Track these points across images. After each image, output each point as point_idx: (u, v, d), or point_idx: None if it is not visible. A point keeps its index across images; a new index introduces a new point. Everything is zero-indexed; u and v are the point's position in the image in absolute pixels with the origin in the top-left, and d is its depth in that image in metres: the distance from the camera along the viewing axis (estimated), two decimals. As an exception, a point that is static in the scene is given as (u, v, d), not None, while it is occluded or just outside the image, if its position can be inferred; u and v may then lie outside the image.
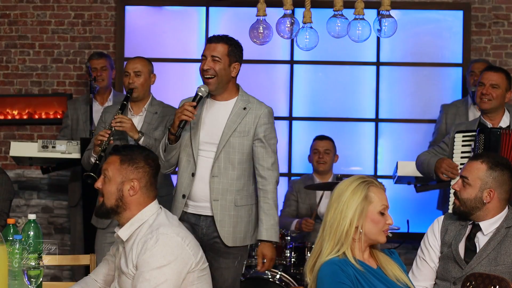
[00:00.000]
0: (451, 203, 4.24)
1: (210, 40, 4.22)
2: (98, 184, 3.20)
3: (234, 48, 4.22)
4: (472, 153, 4.55)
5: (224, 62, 4.14)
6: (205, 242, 4.11)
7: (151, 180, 3.20)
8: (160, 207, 3.25)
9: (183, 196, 4.12)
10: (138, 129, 4.72)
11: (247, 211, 4.18)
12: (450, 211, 3.89)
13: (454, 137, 4.72)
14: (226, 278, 4.17)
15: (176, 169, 4.29)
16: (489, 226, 3.60)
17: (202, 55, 4.19)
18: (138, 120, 4.81)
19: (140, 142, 4.66)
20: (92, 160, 4.64)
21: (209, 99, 4.21)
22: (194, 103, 4.06)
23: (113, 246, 3.36)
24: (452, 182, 4.45)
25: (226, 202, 4.11)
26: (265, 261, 4.19)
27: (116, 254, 3.27)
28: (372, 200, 3.03)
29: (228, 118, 4.15)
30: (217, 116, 4.17)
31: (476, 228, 3.62)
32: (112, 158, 3.21)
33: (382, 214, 3.05)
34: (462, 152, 4.64)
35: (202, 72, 4.15)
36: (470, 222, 3.65)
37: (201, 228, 4.15)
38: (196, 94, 4.11)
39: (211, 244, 4.13)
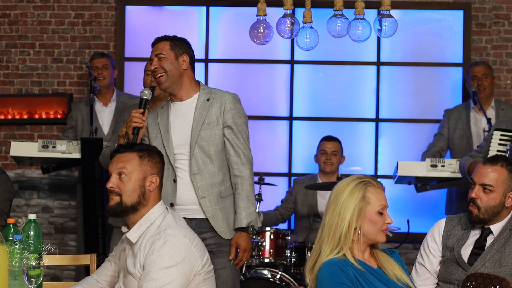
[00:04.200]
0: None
1: (153, 43, 4.20)
2: (112, 185, 3.18)
3: (176, 41, 4.17)
4: (507, 154, 4.54)
5: (169, 56, 4.09)
6: None
7: (163, 174, 3.27)
8: (166, 208, 3.24)
9: (171, 204, 4.03)
10: None
11: (231, 201, 4.10)
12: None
13: (493, 134, 4.72)
14: (225, 279, 4.04)
15: None
16: (498, 228, 3.59)
17: (149, 59, 4.17)
18: None
19: None
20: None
21: (171, 103, 4.16)
22: (141, 110, 4.02)
23: (117, 247, 3.35)
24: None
25: (213, 196, 4.03)
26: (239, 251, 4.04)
27: (122, 255, 3.27)
28: (370, 201, 3.02)
29: (195, 113, 4.08)
30: (183, 117, 4.10)
31: (487, 231, 3.60)
32: (128, 156, 3.20)
33: (380, 214, 3.04)
34: (498, 151, 4.65)
35: (152, 74, 4.14)
36: (479, 226, 3.63)
37: None
38: (141, 99, 4.07)
39: None
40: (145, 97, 4.07)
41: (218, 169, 4.08)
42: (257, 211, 4.33)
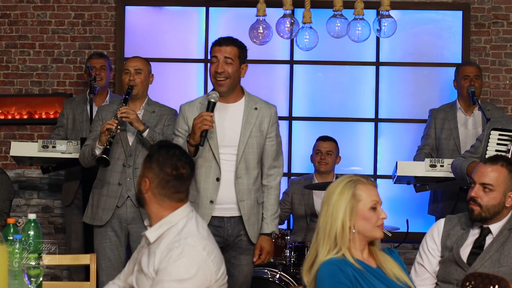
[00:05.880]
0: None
1: (220, 43, 4.25)
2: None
3: (243, 50, 4.29)
4: (509, 154, 4.54)
5: (236, 64, 4.21)
6: (229, 242, 4.29)
7: (163, 184, 3.12)
8: (192, 210, 3.20)
9: (211, 201, 4.22)
10: None
11: (262, 207, 4.36)
12: (447, 216, 3.86)
13: (490, 134, 4.73)
14: (246, 274, 4.35)
15: None
16: (497, 228, 3.60)
17: (213, 57, 4.22)
18: None
19: (145, 134, 4.70)
20: (97, 151, 4.67)
21: (218, 102, 4.26)
22: (212, 113, 4.11)
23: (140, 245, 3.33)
24: None
25: (251, 201, 4.26)
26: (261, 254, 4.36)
27: (140, 250, 3.24)
28: (361, 198, 3.02)
29: (243, 120, 4.25)
30: (231, 119, 4.26)
31: (486, 231, 3.61)
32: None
33: (374, 209, 3.04)
34: (497, 151, 4.65)
35: (215, 74, 4.20)
36: (478, 226, 3.64)
37: (226, 230, 4.28)
38: (209, 102, 4.16)
39: (236, 243, 4.29)
40: (212, 100, 4.16)
41: (257, 176, 4.29)
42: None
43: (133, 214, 4.82)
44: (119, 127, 4.66)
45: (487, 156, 4.66)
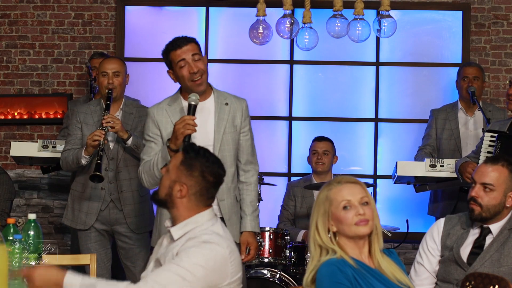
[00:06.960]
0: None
1: (179, 45, 4.08)
2: (163, 171, 3.19)
3: (198, 43, 4.15)
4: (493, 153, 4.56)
5: (203, 58, 4.08)
6: None
7: (203, 192, 3.13)
8: (216, 215, 3.20)
9: None
10: None
11: (239, 204, 4.23)
12: (447, 215, 3.86)
13: (484, 136, 4.75)
14: None
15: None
16: (497, 228, 3.60)
17: (180, 61, 4.04)
18: None
19: (129, 142, 4.68)
20: (83, 161, 4.66)
21: (184, 101, 4.11)
22: (194, 117, 3.92)
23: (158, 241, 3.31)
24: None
25: (231, 199, 4.14)
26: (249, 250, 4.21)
27: (157, 247, 3.23)
28: (332, 202, 3.00)
29: (215, 116, 4.11)
30: (203, 117, 4.09)
31: (486, 231, 3.61)
32: (179, 154, 3.18)
33: (347, 208, 3.00)
34: (488, 152, 4.67)
35: (191, 75, 4.02)
36: (478, 226, 3.64)
37: None
38: (190, 105, 3.96)
39: None
40: (193, 102, 3.96)
41: (234, 174, 4.17)
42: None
43: (116, 215, 4.84)
44: (106, 138, 4.63)
45: (481, 157, 4.68)
